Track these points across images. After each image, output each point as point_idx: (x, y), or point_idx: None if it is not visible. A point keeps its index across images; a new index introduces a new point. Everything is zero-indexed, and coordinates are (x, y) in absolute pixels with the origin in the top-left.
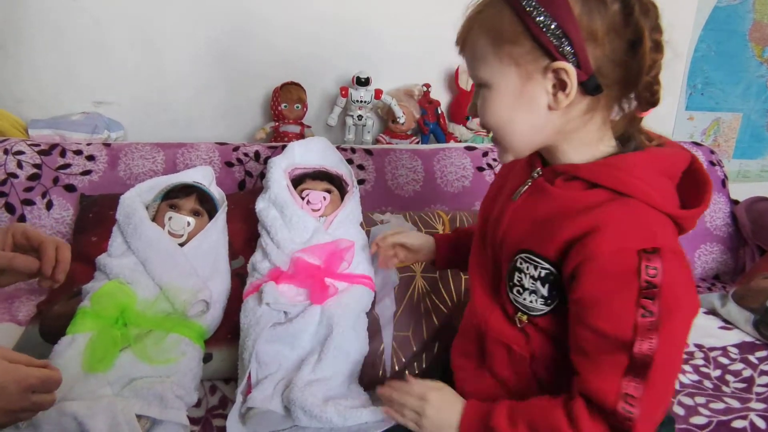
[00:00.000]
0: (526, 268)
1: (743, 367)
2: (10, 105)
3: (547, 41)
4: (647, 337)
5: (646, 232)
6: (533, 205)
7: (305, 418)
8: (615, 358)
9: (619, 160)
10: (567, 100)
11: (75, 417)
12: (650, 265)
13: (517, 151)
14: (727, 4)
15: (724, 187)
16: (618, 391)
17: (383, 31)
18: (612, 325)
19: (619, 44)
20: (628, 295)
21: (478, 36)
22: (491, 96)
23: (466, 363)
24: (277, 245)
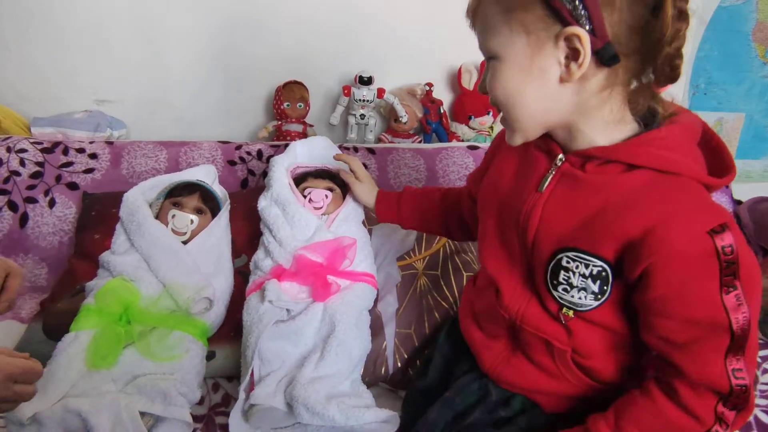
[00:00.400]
0: (575, 267)
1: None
2: (13, 103)
3: (560, 5)
4: (740, 312)
5: (708, 210)
6: (569, 197)
7: (308, 415)
8: (715, 342)
9: (655, 138)
10: (580, 71)
11: (79, 414)
12: (724, 244)
13: (526, 130)
14: (730, 5)
15: (727, 188)
16: (727, 372)
17: (386, 31)
18: (704, 311)
19: (638, 9)
20: (711, 278)
21: (488, 4)
22: (501, 68)
23: (495, 344)
24: (280, 243)
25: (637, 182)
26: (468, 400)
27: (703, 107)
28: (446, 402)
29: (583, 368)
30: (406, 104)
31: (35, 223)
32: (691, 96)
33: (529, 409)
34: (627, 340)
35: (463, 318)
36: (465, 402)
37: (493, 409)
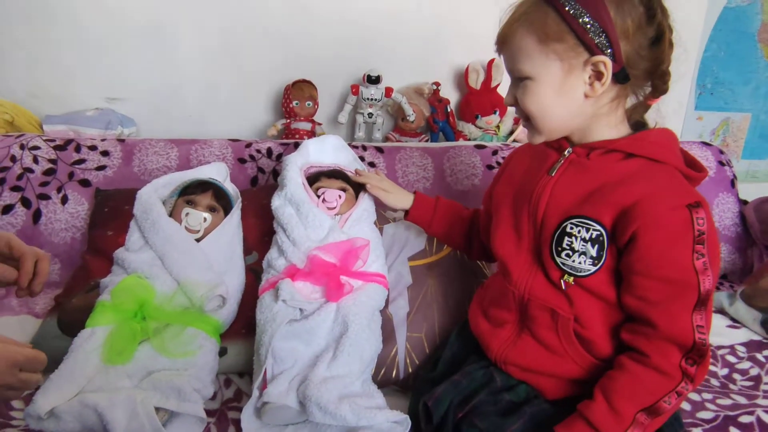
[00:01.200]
0: (578, 231)
1: (751, 366)
2: (25, 101)
3: (590, 39)
4: (706, 276)
5: (687, 190)
6: (575, 177)
7: (320, 414)
8: (685, 300)
9: (647, 135)
10: (602, 89)
11: (96, 408)
12: (698, 216)
13: (551, 134)
14: (736, 6)
15: (733, 187)
16: (692, 326)
17: (394, 30)
18: (678, 272)
19: (643, 40)
20: (686, 244)
21: (524, 34)
22: (534, 87)
23: (502, 332)
24: (293, 243)
25: (632, 167)
26: (474, 384)
27: (710, 107)
28: (453, 383)
29: (583, 340)
30: (413, 103)
31: (48, 220)
32: (697, 96)
33: (532, 399)
34: (620, 316)
35: (472, 314)
36: (471, 386)
37: (497, 392)
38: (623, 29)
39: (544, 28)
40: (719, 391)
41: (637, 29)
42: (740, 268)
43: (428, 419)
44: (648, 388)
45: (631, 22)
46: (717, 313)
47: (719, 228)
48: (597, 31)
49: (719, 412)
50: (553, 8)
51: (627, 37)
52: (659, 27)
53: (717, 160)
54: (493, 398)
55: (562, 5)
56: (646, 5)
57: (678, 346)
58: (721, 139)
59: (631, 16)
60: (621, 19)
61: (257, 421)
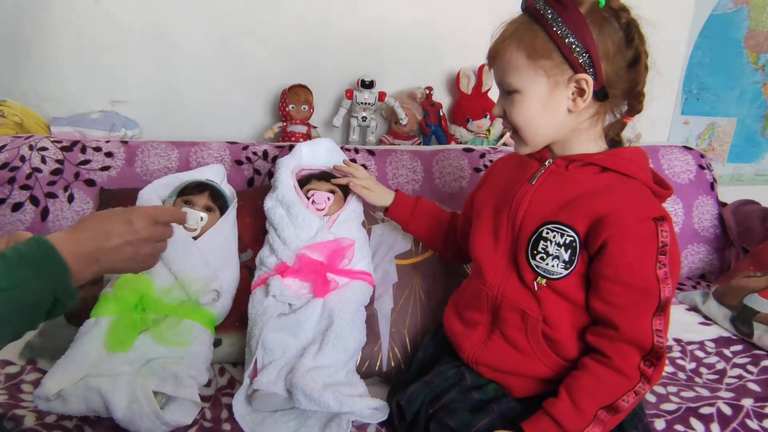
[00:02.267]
0: (553, 236)
1: (717, 360)
2: (33, 103)
3: (574, 58)
4: (666, 284)
5: (654, 205)
6: (555, 186)
7: (305, 401)
8: (647, 305)
9: (621, 152)
10: (584, 105)
11: (99, 391)
12: (663, 229)
13: (534, 145)
14: (722, 12)
15: (712, 190)
16: (652, 330)
17: (388, 36)
18: (642, 280)
19: (622, 62)
20: (650, 254)
21: (514, 50)
22: (522, 100)
23: (474, 333)
24: (284, 242)
25: (607, 180)
26: (445, 383)
27: (696, 112)
28: (425, 382)
29: (550, 341)
30: (406, 107)
31: (55, 217)
32: (683, 101)
33: (500, 397)
34: (586, 318)
35: (447, 316)
36: (442, 385)
37: (467, 391)
38: (604, 51)
39: (533, 45)
40: (684, 384)
41: (617, 52)
42: (718, 268)
43: (402, 417)
44: (608, 387)
45: (612, 45)
46: (690, 311)
47: (698, 229)
48: (581, 51)
49: (682, 404)
50: (542, 28)
51: (607, 58)
52: (636, 51)
53: (697, 163)
54: (462, 396)
55: (550, 26)
56: (625, 30)
57: (638, 349)
58: (707, 143)
59: (612, 39)
60: (602, 42)
61: (248, 407)
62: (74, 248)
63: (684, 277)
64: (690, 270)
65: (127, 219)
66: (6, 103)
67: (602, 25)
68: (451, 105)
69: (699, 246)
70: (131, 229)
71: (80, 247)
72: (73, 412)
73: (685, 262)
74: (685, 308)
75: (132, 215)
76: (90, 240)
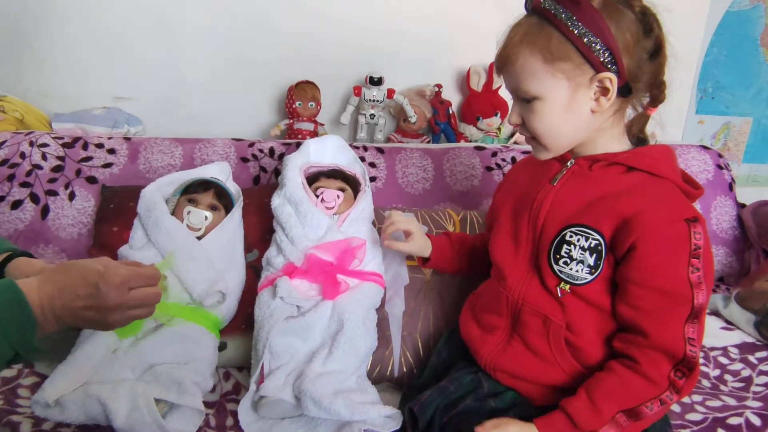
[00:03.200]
0: (577, 240)
1: (742, 367)
2: (35, 99)
3: (595, 57)
4: (700, 289)
5: (686, 205)
6: (578, 187)
7: (314, 408)
8: (678, 311)
9: (649, 150)
10: (608, 104)
11: (99, 399)
12: (696, 231)
13: (557, 151)
14: (739, 9)
15: (731, 191)
16: (684, 338)
17: (397, 32)
18: (673, 284)
19: (643, 54)
20: (682, 257)
21: (528, 55)
22: (542, 107)
23: (492, 337)
24: (291, 241)
25: (633, 179)
26: (461, 390)
27: (711, 111)
28: (440, 388)
29: (573, 348)
30: (415, 105)
31: (56, 215)
32: (698, 100)
33: (518, 404)
34: (611, 325)
35: (463, 320)
36: (458, 391)
37: (484, 398)
38: (624, 44)
39: (548, 48)
40: (709, 392)
41: (637, 43)
42: (737, 270)
43: (414, 425)
44: (632, 391)
45: (631, 37)
46: (711, 315)
47: (716, 231)
48: (601, 49)
49: (708, 414)
50: (555, 28)
51: (628, 52)
52: (657, 39)
53: (715, 163)
54: (479, 404)
55: (565, 25)
56: (641, 20)
57: (668, 357)
58: (722, 143)
59: (630, 30)
60: (621, 35)
61: (254, 414)
62: (43, 302)
63: None
64: None
65: (95, 283)
66: (6, 99)
67: (618, 18)
68: (460, 103)
69: (718, 248)
70: (98, 295)
71: (47, 301)
72: (71, 420)
73: None
74: None
75: (102, 280)
76: (56, 297)
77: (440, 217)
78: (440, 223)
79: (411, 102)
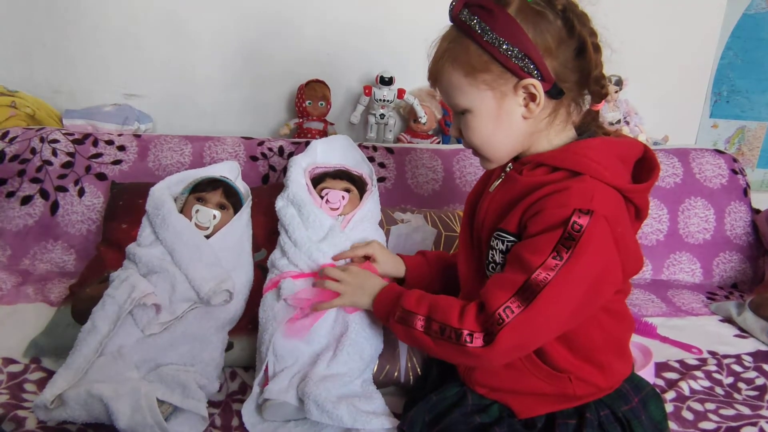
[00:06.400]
0: (496, 244)
1: (756, 376)
2: (46, 95)
3: (514, 65)
4: (546, 273)
5: (586, 196)
6: (504, 193)
7: (317, 412)
8: (515, 276)
9: (575, 146)
10: (538, 109)
11: (101, 399)
12: (578, 221)
13: (499, 160)
14: (755, 12)
15: (745, 196)
16: (503, 302)
17: (408, 32)
18: (529, 254)
19: (568, 53)
20: (551, 238)
21: (450, 70)
22: (474, 119)
23: None
24: (295, 244)
25: (554, 178)
26: (446, 401)
27: (725, 115)
28: (426, 401)
29: (537, 351)
30: (425, 105)
31: (65, 211)
32: (712, 103)
33: (504, 418)
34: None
35: None
36: (443, 403)
37: (469, 413)
38: (545, 47)
39: (468, 61)
40: (723, 400)
41: (560, 44)
42: (751, 277)
43: None
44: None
45: (551, 39)
46: (724, 323)
47: (730, 236)
48: (519, 56)
49: (722, 423)
50: (472, 40)
51: (551, 54)
52: (580, 37)
53: (730, 168)
54: (464, 419)
55: (480, 36)
56: (562, 18)
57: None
58: (737, 148)
59: (550, 32)
60: (541, 38)
61: (258, 416)
62: None
63: (716, 286)
64: (722, 279)
65: None
66: (18, 95)
67: (536, 21)
68: None
69: (731, 254)
70: None
71: None
72: (74, 420)
73: (717, 270)
74: (718, 319)
75: None
76: None
77: (449, 218)
78: (449, 225)
79: (421, 102)
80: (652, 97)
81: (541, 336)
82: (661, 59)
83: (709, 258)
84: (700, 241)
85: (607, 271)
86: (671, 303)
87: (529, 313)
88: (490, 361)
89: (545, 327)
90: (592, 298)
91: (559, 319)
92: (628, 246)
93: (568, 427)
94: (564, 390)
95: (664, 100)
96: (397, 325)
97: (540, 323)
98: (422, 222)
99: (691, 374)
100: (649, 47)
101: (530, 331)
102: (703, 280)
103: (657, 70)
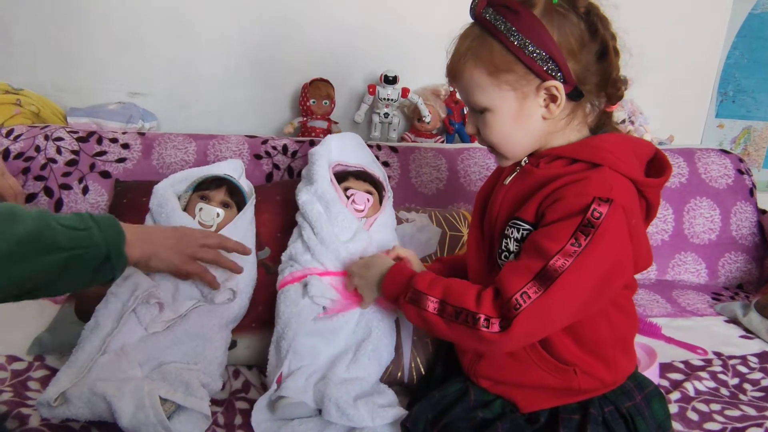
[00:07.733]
0: (511, 232)
1: (762, 377)
2: (51, 93)
3: (538, 67)
4: (564, 259)
5: (606, 186)
6: (520, 184)
7: (336, 414)
8: (532, 263)
9: (592, 140)
10: (558, 110)
11: (104, 397)
12: (598, 209)
13: (515, 157)
14: (762, 11)
15: (751, 196)
16: (520, 288)
17: (412, 31)
18: (547, 240)
19: (590, 56)
20: (570, 225)
21: (473, 68)
22: (494, 118)
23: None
24: (321, 241)
25: (573, 170)
26: (448, 398)
27: (731, 115)
28: (429, 398)
29: (543, 343)
30: (429, 104)
31: (69, 209)
32: (718, 103)
33: (507, 413)
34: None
35: None
36: (445, 399)
37: (471, 409)
38: (569, 50)
39: (492, 60)
40: (728, 401)
41: (582, 47)
42: (757, 278)
43: None
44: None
45: (575, 41)
46: (730, 323)
47: (736, 237)
48: (544, 58)
49: (727, 424)
50: (497, 41)
51: (574, 57)
52: (602, 40)
53: (736, 168)
54: (466, 415)
55: (506, 37)
56: (585, 21)
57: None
58: (742, 148)
59: (574, 35)
60: (565, 41)
61: (267, 413)
62: (131, 229)
63: (721, 286)
64: (727, 279)
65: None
66: (23, 92)
67: (561, 23)
68: None
69: (737, 254)
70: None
71: (136, 228)
72: (77, 417)
73: (722, 270)
74: (723, 320)
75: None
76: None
77: (454, 218)
78: (454, 224)
79: (425, 101)
80: (658, 96)
81: (554, 323)
82: (666, 59)
83: (714, 258)
84: (706, 242)
85: (621, 261)
86: (676, 303)
87: (545, 298)
88: (501, 348)
89: (559, 313)
90: (604, 287)
91: (572, 306)
92: (641, 239)
93: (572, 423)
94: (569, 383)
95: (670, 100)
96: (407, 305)
97: (555, 309)
98: (427, 221)
99: (696, 375)
100: (654, 47)
101: (545, 317)
102: (709, 280)
103: (662, 70)
